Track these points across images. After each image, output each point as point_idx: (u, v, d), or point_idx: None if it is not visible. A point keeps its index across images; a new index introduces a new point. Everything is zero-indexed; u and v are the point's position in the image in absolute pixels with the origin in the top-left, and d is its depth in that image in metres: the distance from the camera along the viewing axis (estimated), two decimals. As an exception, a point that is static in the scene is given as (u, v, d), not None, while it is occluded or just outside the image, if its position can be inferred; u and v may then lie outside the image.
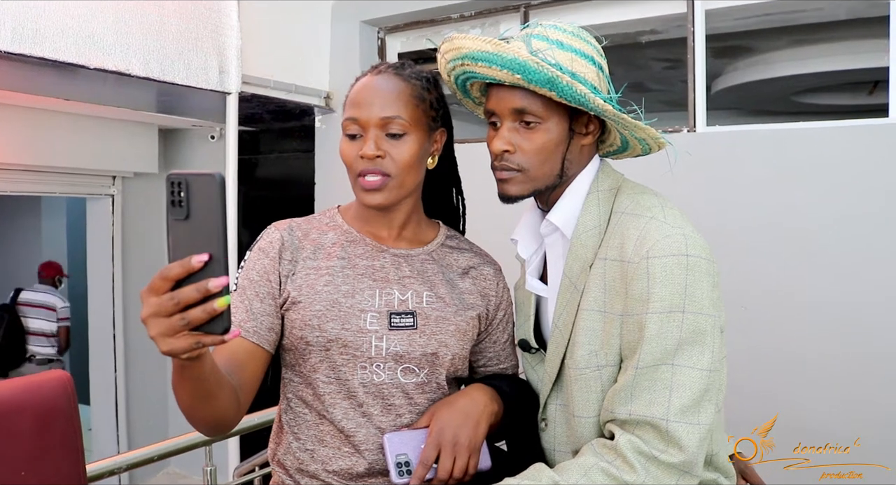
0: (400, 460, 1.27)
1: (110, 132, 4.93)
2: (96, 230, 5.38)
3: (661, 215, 1.24)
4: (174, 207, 0.87)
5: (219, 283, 0.85)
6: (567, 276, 1.30)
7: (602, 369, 1.25)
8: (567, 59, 1.25)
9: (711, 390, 1.18)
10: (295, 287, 1.34)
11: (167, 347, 0.89)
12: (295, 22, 4.35)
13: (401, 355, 1.33)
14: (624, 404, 1.18)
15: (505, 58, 1.22)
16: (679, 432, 1.14)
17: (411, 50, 4.56)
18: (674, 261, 1.17)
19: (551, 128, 1.27)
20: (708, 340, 1.18)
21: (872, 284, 2.99)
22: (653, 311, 1.17)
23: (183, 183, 0.87)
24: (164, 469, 5.51)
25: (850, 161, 3.09)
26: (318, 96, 4.49)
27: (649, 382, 1.17)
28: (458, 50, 1.30)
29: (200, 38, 3.58)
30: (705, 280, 1.19)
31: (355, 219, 1.43)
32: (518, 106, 1.26)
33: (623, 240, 1.23)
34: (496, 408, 1.35)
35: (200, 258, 0.85)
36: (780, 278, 3.18)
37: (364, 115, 1.31)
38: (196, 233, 0.87)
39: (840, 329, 3.03)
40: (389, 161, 1.30)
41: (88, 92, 3.93)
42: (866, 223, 3.03)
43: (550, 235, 1.35)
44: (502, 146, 1.28)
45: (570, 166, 1.31)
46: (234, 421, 1.24)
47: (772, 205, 3.24)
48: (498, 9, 4.11)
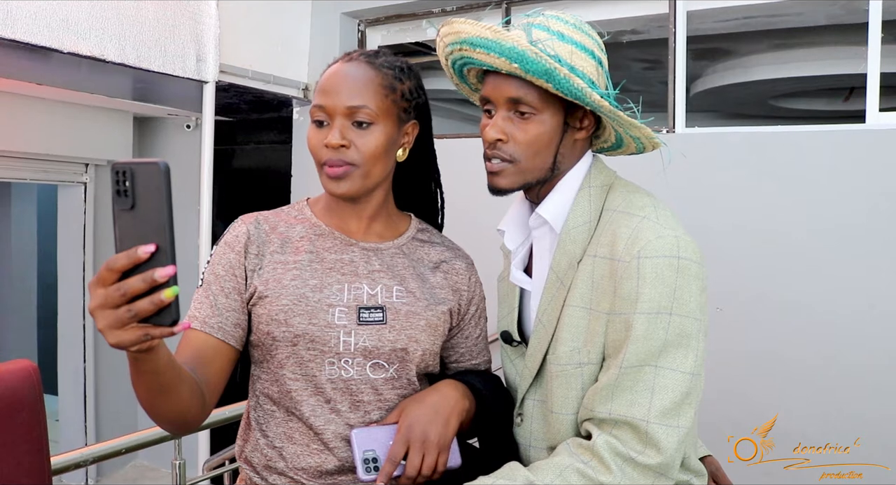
0: (367, 456, 1.25)
1: (84, 119, 4.84)
2: (67, 218, 5.29)
3: (653, 216, 1.23)
4: (119, 197, 0.85)
5: (165, 273, 0.84)
6: (554, 270, 1.29)
7: (583, 367, 1.23)
8: (566, 51, 1.24)
9: (692, 394, 1.17)
10: (261, 282, 1.31)
11: (115, 340, 0.87)
12: (275, 11, 4.31)
13: (370, 351, 1.31)
14: (604, 403, 1.17)
15: (503, 46, 1.20)
16: (658, 434, 1.13)
17: (392, 43, 4.55)
18: (665, 262, 1.17)
19: (546, 120, 1.26)
20: (692, 343, 1.17)
21: (849, 286, 3.02)
22: (640, 311, 1.16)
23: (127, 172, 0.85)
24: (132, 462, 5.45)
25: (826, 166, 3.13)
26: (296, 87, 4.46)
27: (632, 382, 1.16)
28: (457, 34, 1.28)
29: (178, 25, 3.53)
30: (694, 284, 1.18)
31: (324, 212, 1.41)
32: (514, 95, 1.25)
33: (614, 238, 1.22)
34: (467, 405, 1.33)
35: (146, 249, 0.84)
36: (755, 280, 3.20)
37: (331, 102, 1.28)
38: (142, 222, 0.85)
39: (821, 330, 3.06)
40: (354, 151, 1.28)
41: (62, 77, 3.86)
42: (843, 227, 3.06)
43: (539, 229, 1.34)
44: (495, 135, 1.27)
45: (562, 160, 1.30)
46: (198, 418, 1.22)
47: (748, 207, 3.27)
48: (480, 4, 4.11)
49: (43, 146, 4.65)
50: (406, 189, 1.49)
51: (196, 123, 5.09)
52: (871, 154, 3.05)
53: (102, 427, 5.28)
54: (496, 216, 1.44)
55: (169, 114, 5.10)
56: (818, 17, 4.03)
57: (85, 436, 5.17)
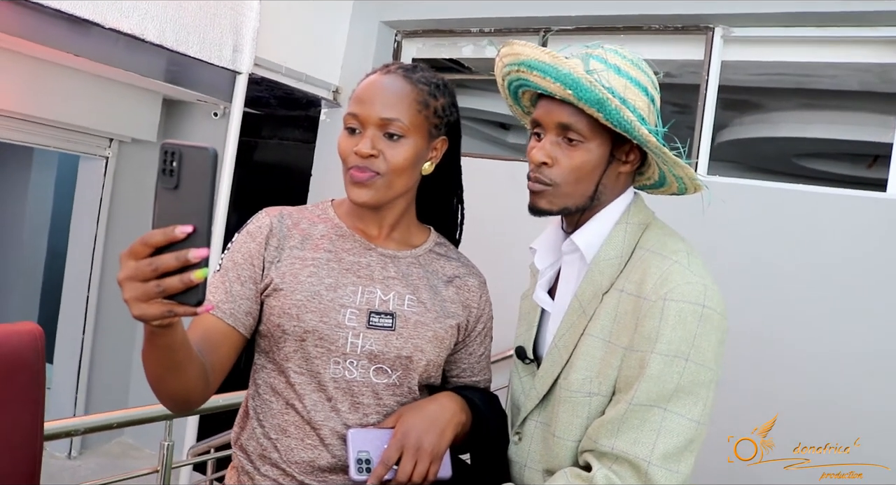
0: (361, 456, 1.26)
1: (114, 94, 4.89)
2: (85, 190, 5.32)
3: (685, 261, 1.24)
4: (164, 176, 0.88)
5: (198, 254, 0.86)
6: (578, 298, 1.30)
7: (593, 397, 1.24)
8: (621, 84, 1.25)
9: (695, 442, 1.17)
10: (278, 274, 1.33)
11: (139, 312, 0.89)
12: (315, 11, 4.36)
13: (375, 355, 1.32)
14: (608, 437, 1.18)
15: (560, 71, 1.22)
16: (657, 477, 1.14)
17: (426, 57, 4.58)
18: (690, 308, 1.17)
19: (592, 149, 1.27)
20: (703, 392, 1.18)
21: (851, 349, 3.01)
22: (658, 351, 1.16)
23: (177, 153, 0.87)
24: (117, 439, 5.46)
25: (844, 230, 3.12)
26: (327, 89, 4.50)
27: (639, 421, 1.16)
28: (516, 56, 1.30)
29: (219, 14, 3.58)
30: (714, 334, 1.19)
31: (347, 214, 1.43)
32: (564, 121, 1.26)
33: (644, 276, 1.23)
34: (464, 418, 1.34)
35: (184, 229, 0.86)
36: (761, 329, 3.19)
37: (365, 112, 1.31)
38: (183, 204, 0.87)
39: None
40: (382, 161, 1.30)
41: (99, 51, 3.90)
42: (848, 289, 3.05)
43: (570, 255, 1.35)
44: (541, 158, 1.28)
45: (603, 191, 1.31)
46: (200, 399, 1.24)
47: (761, 261, 3.26)
48: (518, 29, 4.13)
49: (71, 116, 4.70)
50: (429, 202, 1.51)
51: (224, 111, 5.12)
52: (889, 223, 3.05)
53: (93, 400, 5.29)
54: (510, 237, 1.46)
55: (199, 99, 5.14)
56: (851, 82, 4.04)
57: (74, 407, 5.18)
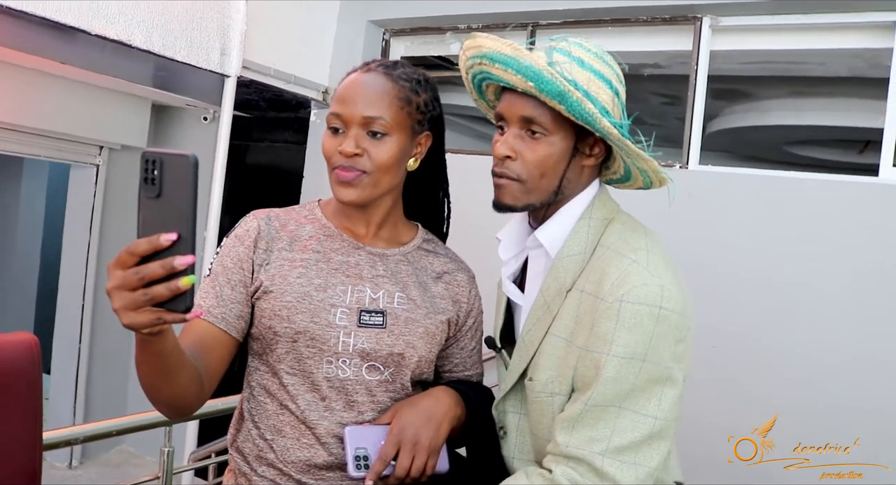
0: (359, 453, 1.27)
1: (103, 101, 4.86)
2: (77, 198, 5.30)
3: (644, 261, 1.23)
4: (146, 185, 0.88)
5: (184, 261, 0.87)
6: (543, 294, 1.30)
7: (555, 397, 1.25)
8: (584, 77, 1.25)
9: (656, 437, 1.17)
10: (267, 277, 1.33)
11: (128, 321, 0.90)
12: (302, 12, 4.35)
13: (367, 353, 1.33)
14: (564, 434, 1.19)
15: (521, 63, 1.22)
16: (612, 470, 1.14)
17: (414, 55, 4.57)
18: (646, 310, 1.17)
19: (555, 142, 1.27)
20: (657, 388, 1.18)
21: (846, 339, 3.02)
22: (615, 354, 1.16)
23: (157, 161, 0.87)
24: (117, 447, 5.45)
25: (836, 215, 3.13)
26: (316, 90, 4.49)
27: (593, 419, 1.17)
28: (478, 48, 1.30)
29: (206, 17, 3.57)
30: (671, 334, 1.18)
31: (334, 214, 1.43)
32: (527, 114, 1.26)
33: (602, 276, 1.23)
34: (459, 412, 1.35)
35: (169, 237, 0.87)
36: (749, 323, 3.20)
37: (347, 111, 1.31)
38: (166, 211, 0.88)
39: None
40: (367, 160, 1.30)
41: (86, 58, 3.88)
42: (843, 275, 3.06)
43: (535, 250, 1.35)
44: (505, 151, 1.28)
45: (567, 185, 1.30)
46: (195, 404, 1.24)
47: (754, 249, 3.27)
48: (506, 24, 4.13)
49: (60, 125, 4.67)
50: (415, 197, 1.51)
51: (213, 115, 5.10)
52: (881, 208, 3.06)
53: (91, 409, 5.28)
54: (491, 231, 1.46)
55: (187, 104, 5.13)
56: (840, 69, 4.05)
57: (73, 416, 5.17)
